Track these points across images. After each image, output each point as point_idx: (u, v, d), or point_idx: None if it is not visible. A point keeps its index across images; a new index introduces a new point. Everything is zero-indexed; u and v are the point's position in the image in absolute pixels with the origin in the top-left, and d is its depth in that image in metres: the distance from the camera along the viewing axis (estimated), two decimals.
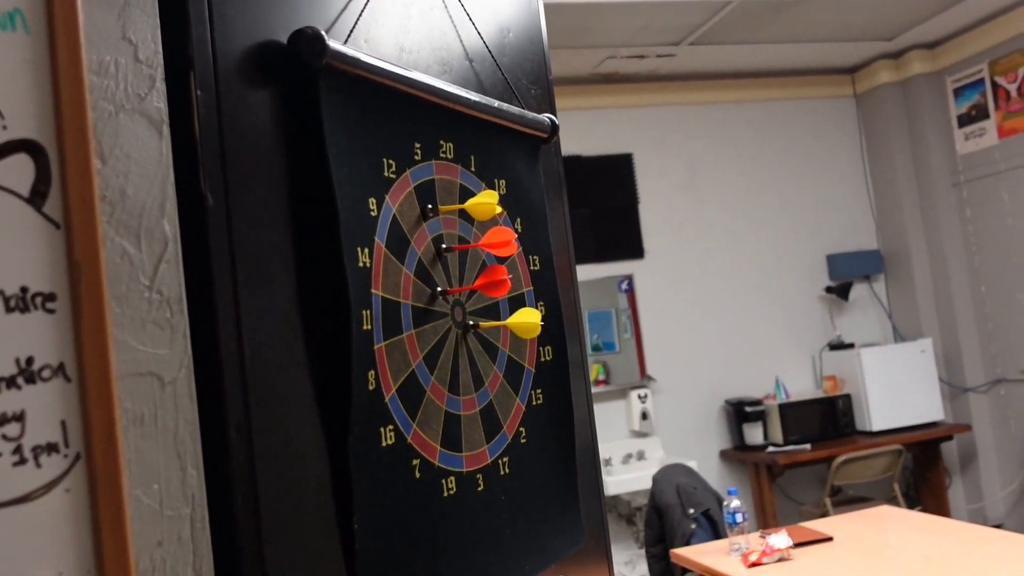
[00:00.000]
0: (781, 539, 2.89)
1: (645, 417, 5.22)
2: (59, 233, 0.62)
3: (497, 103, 1.16)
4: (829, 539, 3.02)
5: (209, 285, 0.75)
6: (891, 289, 5.91)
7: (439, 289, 1.03)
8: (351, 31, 0.95)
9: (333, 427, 0.85)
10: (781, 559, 2.84)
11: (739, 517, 3.01)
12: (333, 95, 0.88)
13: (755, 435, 5.23)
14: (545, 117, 1.28)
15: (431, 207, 1.03)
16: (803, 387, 5.62)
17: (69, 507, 0.60)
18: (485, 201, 1.07)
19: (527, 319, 1.12)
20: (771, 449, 5.14)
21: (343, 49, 0.88)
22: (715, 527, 3.65)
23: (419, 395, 0.97)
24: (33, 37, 0.63)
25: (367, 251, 0.91)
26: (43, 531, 0.59)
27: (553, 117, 1.30)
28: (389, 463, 0.90)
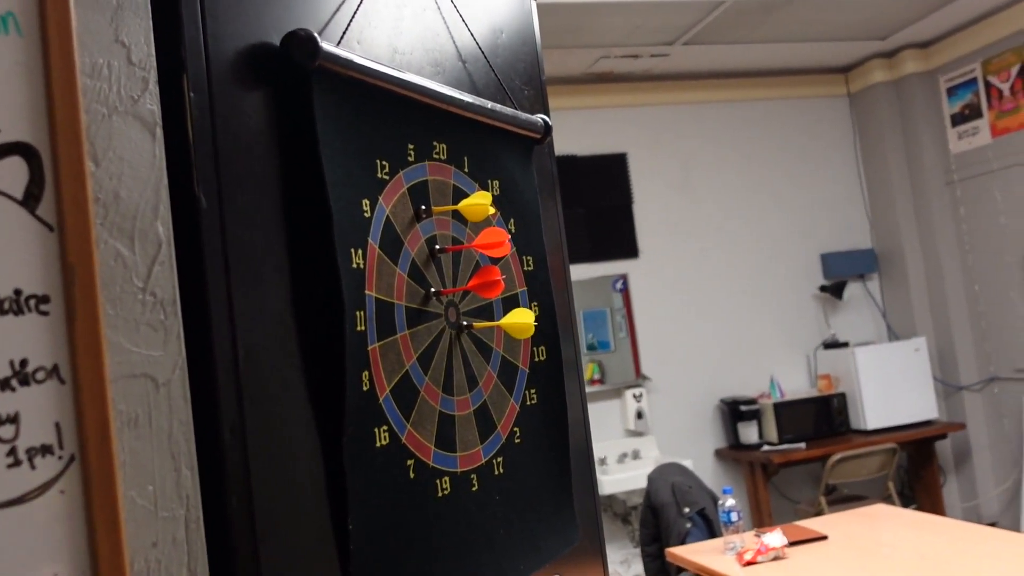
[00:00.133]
0: (776, 538, 2.90)
1: (640, 416, 5.22)
2: (52, 235, 0.62)
3: (490, 104, 1.16)
4: (824, 538, 3.03)
5: (203, 287, 0.76)
6: (885, 288, 5.93)
7: (433, 290, 1.03)
8: (344, 33, 0.95)
9: (327, 428, 0.85)
10: (776, 558, 2.85)
11: (734, 516, 3.01)
12: (326, 97, 0.88)
13: (750, 434, 5.24)
14: (538, 118, 1.28)
15: (424, 208, 1.04)
16: (798, 386, 5.63)
17: (64, 509, 0.60)
18: (478, 202, 1.08)
19: (521, 319, 1.12)
20: (766, 448, 5.15)
21: (336, 51, 0.88)
22: (710, 526, 3.66)
23: (413, 396, 0.97)
24: (26, 40, 0.63)
25: (360, 252, 0.91)
26: (38, 533, 0.59)
27: (546, 118, 1.30)
28: (383, 464, 0.90)
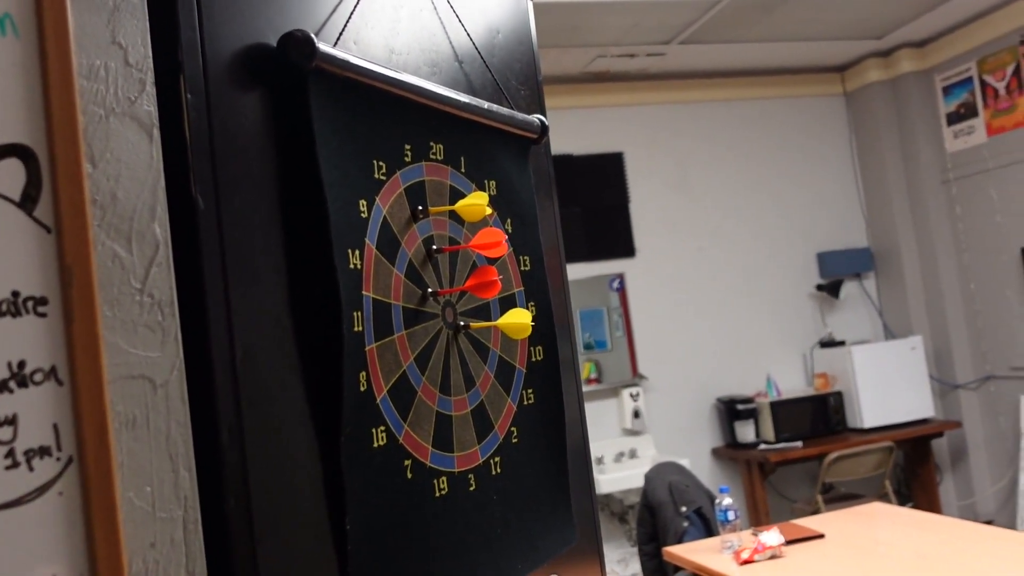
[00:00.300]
0: (773, 537, 2.90)
1: (637, 415, 5.23)
2: (50, 237, 0.62)
3: (487, 104, 1.17)
4: (821, 536, 3.04)
5: (200, 288, 0.76)
6: (881, 287, 5.94)
7: (430, 290, 1.04)
8: (340, 33, 0.96)
9: (325, 428, 0.85)
10: (773, 556, 2.85)
11: (731, 515, 3.02)
12: (323, 97, 0.88)
13: (747, 433, 5.25)
14: (535, 118, 1.28)
15: (421, 208, 1.04)
16: (794, 385, 5.64)
17: (62, 510, 0.60)
18: (475, 202, 1.08)
19: (518, 319, 1.12)
20: (763, 447, 5.15)
21: (332, 52, 0.88)
22: (707, 525, 3.66)
23: (410, 396, 0.97)
24: (23, 41, 0.63)
25: (358, 253, 0.91)
26: (36, 534, 0.59)
27: (543, 118, 1.30)
28: (381, 464, 0.90)
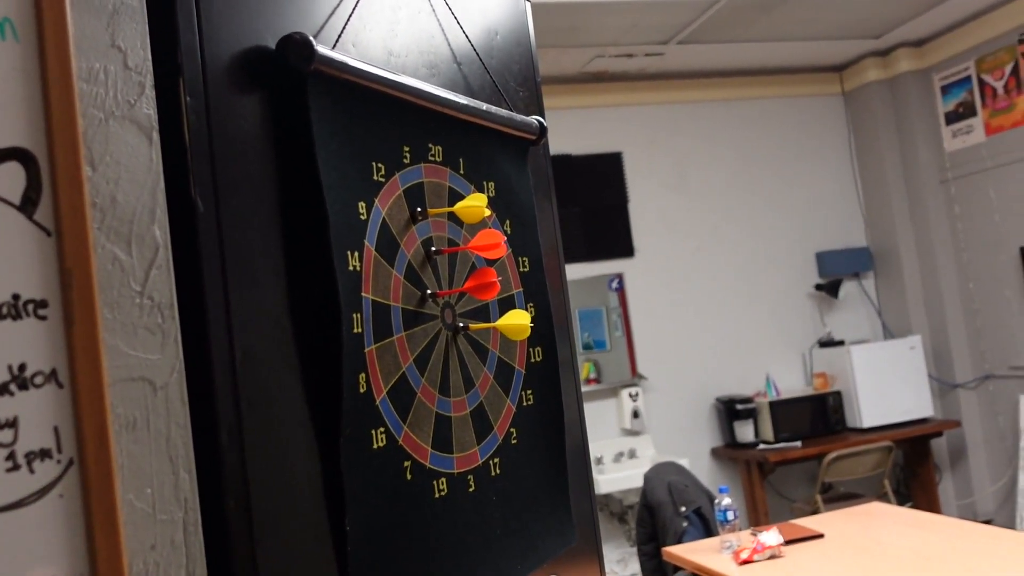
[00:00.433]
0: (772, 536, 2.90)
1: (636, 415, 5.23)
2: (50, 240, 0.63)
3: (485, 106, 1.17)
4: (820, 536, 3.04)
5: (200, 290, 0.76)
6: (880, 286, 5.94)
7: (429, 292, 1.04)
8: (339, 36, 0.96)
9: (324, 430, 0.85)
10: (772, 556, 2.85)
11: (730, 515, 3.02)
12: (322, 100, 0.89)
13: (746, 433, 5.25)
14: (533, 119, 1.29)
15: (420, 210, 1.04)
16: (793, 384, 5.64)
17: (62, 512, 0.61)
18: (474, 204, 1.08)
19: (517, 321, 1.13)
20: (762, 447, 5.16)
21: (331, 54, 0.88)
22: (707, 525, 3.66)
23: (410, 397, 0.97)
24: (23, 45, 0.63)
25: (357, 255, 0.91)
26: (37, 536, 0.59)
27: (541, 119, 1.31)
28: (380, 465, 0.90)
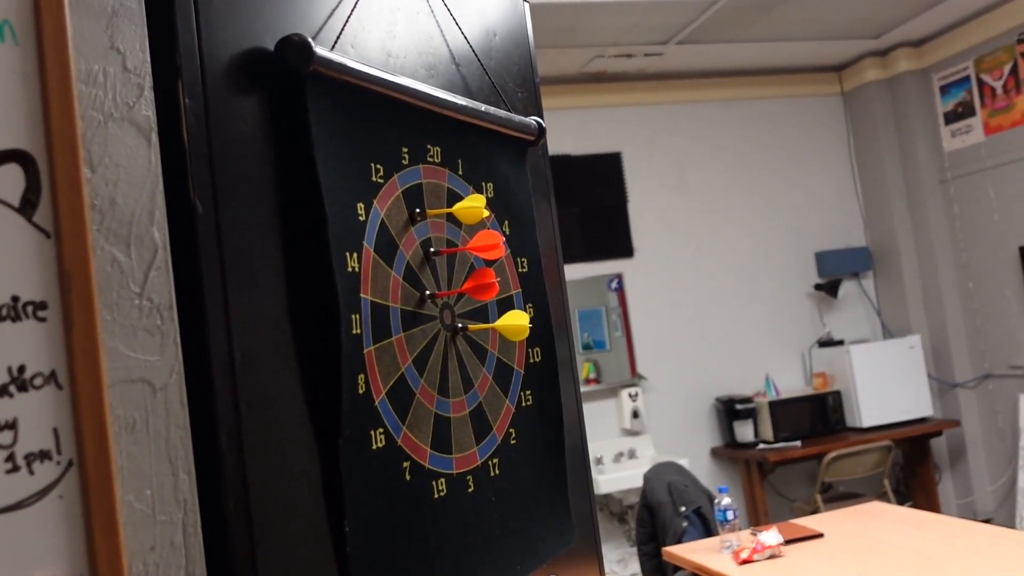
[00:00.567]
0: (772, 536, 2.90)
1: (636, 415, 5.23)
2: (49, 242, 0.63)
3: (484, 107, 1.17)
4: (820, 536, 3.04)
5: (199, 292, 0.76)
6: (880, 286, 5.94)
7: (428, 292, 1.04)
8: (338, 37, 0.96)
9: (323, 431, 0.85)
10: (772, 556, 2.85)
11: (730, 515, 3.02)
12: (320, 101, 0.89)
13: (746, 432, 5.25)
14: (532, 120, 1.29)
15: (419, 211, 1.04)
16: (793, 384, 5.65)
17: (62, 513, 0.61)
18: (472, 205, 1.08)
19: (516, 321, 1.13)
20: (762, 446, 5.16)
21: (330, 55, 0.88)
22: (707, 525, 3.67)
23: (409, 398, 0.97)
24: (22, 48, 0.63)
25: (356, 256, 0.91)
26: (36, 537, 0.59)
27: (540, 120, 1.31)
28: (379, 466, 0.91)
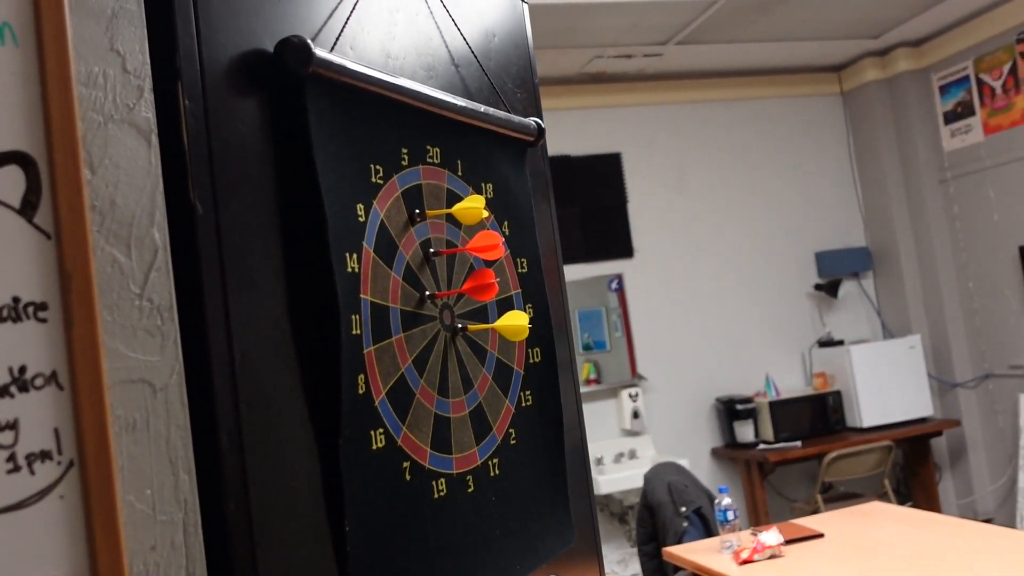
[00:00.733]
0: (772, 536, 2.90)
1: (636, 416, 5.23)
2: (50, 243, 0.63)
3: (483, 108, 1.17)
4: (820, 536, 3.04)
5: (199, 292, 0.76)
6: (880, 286, 5.94)
7: (427, 293, 1.04)
8: (337, 39, 0.96)
9: (323, 431, 0.85)
10: (772, 556, 2.85)
11: (730, 515, 3.02)
12: (320, 102, 0.89)
13: (746, 433, 5.25)
14: (531, 121, 1.29)
15: (418, 212, 1.04)
16: (793, 384, 5.65)
17: (63, 513, 0.61)
18: (472, 205, 1.08)
19: (515, 322, 1.13)
20: (762, 446, 5.16)
21: (329, 57, 0.89)
22: (707, 525, 3.67)
23: (409, 398, 0.98)
24: (22, 49, 0.63)
25: (355, 256, 0.91)
26: (38, 537, 0.60)
27: (539, 121, 1.31)
28: (379, 466, 0.91)
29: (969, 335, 5.59)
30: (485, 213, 1.12)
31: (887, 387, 5.29)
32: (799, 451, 5.01)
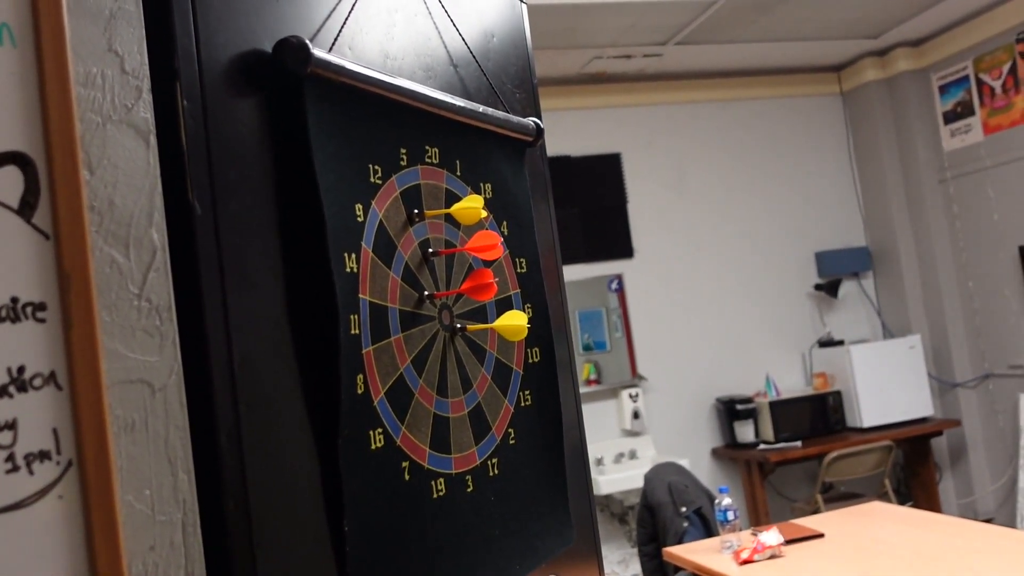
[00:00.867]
0: (772, 536, 2.90)
1: (637, 416, 5.23)
2: (48, 243, 0.63)
3: (482, 108, 1.17)
4: (820, 536, 3.04)
5: (198, 293, 0.76)
6: (880, 286, 5.94)
7: (426, 293, 1.04)
8: (335, 39, 0.96)
9: (322, 431, 0.85)
10: (773, 556, 2.85)
11: (731, 515, 3.02)
12: (318, 103, 0.89)
13: (746, 433, 5.25)
14: (530, 121, 1.29)
15: (417, 212, 1.04)
16: (793, 384, 5.65)
17: (62, 513, 0.61)
18: (470, 205, 1.08)
19: (514, 322, 1.13)
20: (762, 447, 5.16)
21: (328, 57, 0.89)
22: (707, 525, 3.67)
23: (408, 398, 0.98)
24: (20, 50, 0.63)
25: (354, 256, 0.92)
26: (37, 537, 0.60)
27: (538, 121, 1.31)
28: (378, 466, 0.91)
29: (969, 335, 5.59)
30: (484, 213, 1.12)
31: (887, 387, 5.29)
32: (799, 451, 5.01)
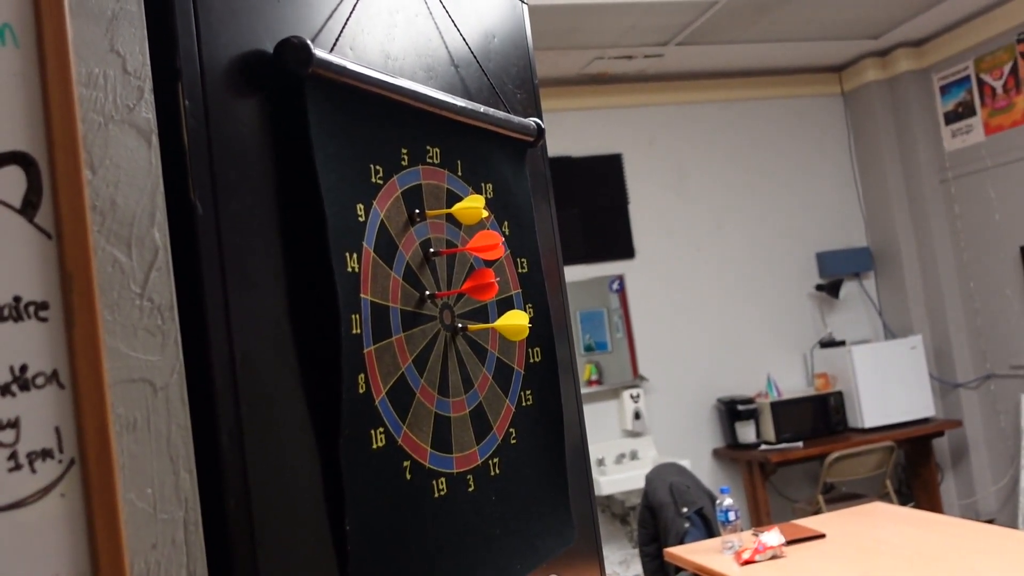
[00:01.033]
0: (774, 537, 2.90)
1: (638, 417, 5.23)
2: (51, 243, 0.63)
3: (483, 108, 1.17)
4: (822, 536, 3.04)
5: (199, 292, 0.76)
6: (881, 286, 5.94)
7: (427, 293, 1.04)
8: (337, 39, 0.96)
9: (324, 430, 0.86)
10: (774, 557, 2.85)
11: (732, 515, 3.02)
12: (320, 103, 0.89)
13: (747, 433, 5.26)
14: (531, 121, 1.29)
15: (418, 212, 1.05)
16: (795, 385, 5.65)
17: (64, 512, 0.61)
18: (472, 205, 1.09)
19: (515, 321, 1.13)
20: (764, 447, 5.16)
21: (329, 57, 0.89)
22: (708, 526, 3.67)
23: (409, 398, 0.98)
24: (22, 51, 0.64)
25: (355, 256, 0.92)
26: (39, 536, 0.60)
27: (539, 121, 1.31)
28: (380, 465, 0.91)
29: (970, 335, 5.59)
30: (485, 213, 1.12)
31: (889, 387, 5.29)
32: (801, 452, 5.01)
